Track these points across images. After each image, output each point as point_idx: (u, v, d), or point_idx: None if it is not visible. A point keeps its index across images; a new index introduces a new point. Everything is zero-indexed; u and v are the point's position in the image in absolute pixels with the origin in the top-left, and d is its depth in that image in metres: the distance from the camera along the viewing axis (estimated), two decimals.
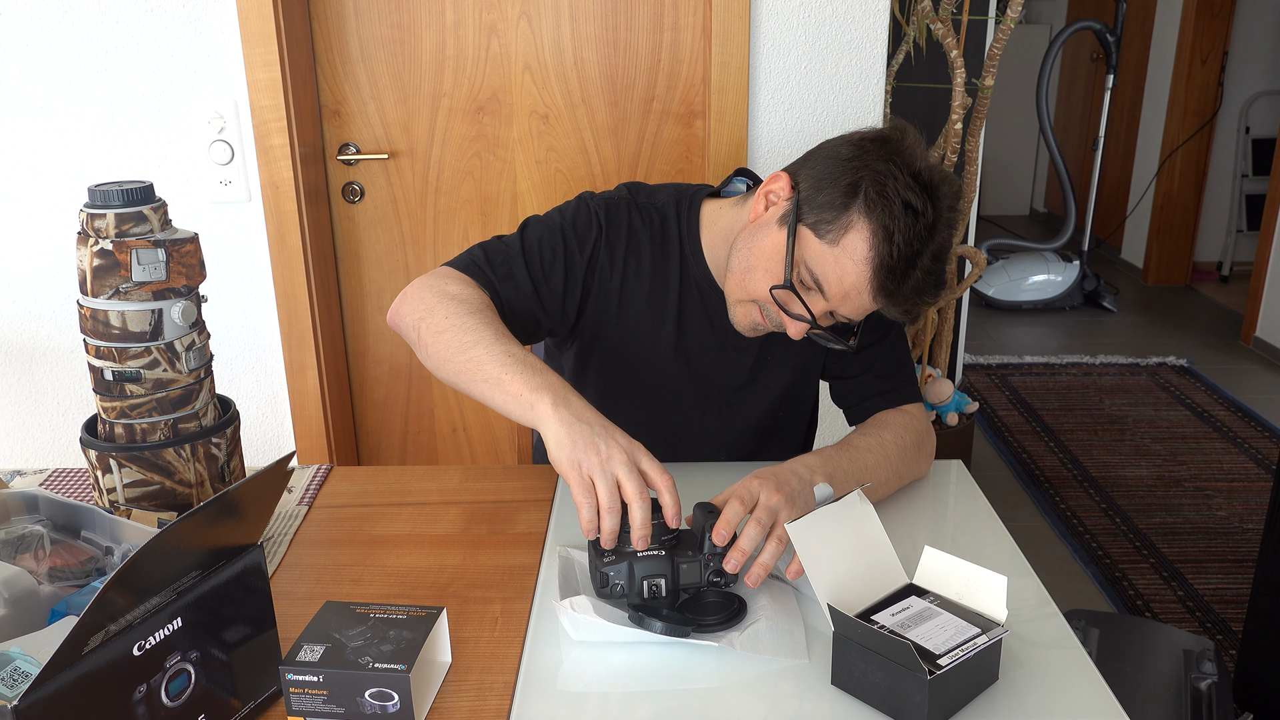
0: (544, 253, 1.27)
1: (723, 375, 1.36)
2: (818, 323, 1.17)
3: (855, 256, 1.11)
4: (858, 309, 1.16)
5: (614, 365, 1.35)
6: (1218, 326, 4.58)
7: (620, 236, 1.30)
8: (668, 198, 1.33)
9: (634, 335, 1.32)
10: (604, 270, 1.29)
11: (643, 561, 0.99)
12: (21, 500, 1.07)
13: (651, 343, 1.33)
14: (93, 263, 1.04)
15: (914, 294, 1.13)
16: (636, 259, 1.30)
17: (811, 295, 1.16)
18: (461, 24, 2.10)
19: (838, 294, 1.14)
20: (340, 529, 1.23)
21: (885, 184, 1.10)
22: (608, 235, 1.29)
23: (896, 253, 1.09)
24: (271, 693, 0.90)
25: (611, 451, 0.98)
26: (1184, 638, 1.68)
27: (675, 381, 1.36)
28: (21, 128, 2.01)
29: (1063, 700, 0.91)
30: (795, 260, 1.15)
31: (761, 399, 1.39)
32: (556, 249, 1.27)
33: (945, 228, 1.13)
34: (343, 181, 2.21)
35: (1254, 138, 4.96)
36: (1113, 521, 2.91)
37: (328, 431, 2.21)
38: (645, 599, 0.99)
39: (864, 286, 1.12)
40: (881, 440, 1.24)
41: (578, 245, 1.28)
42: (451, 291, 1.17)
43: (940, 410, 2.79)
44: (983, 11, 3.03)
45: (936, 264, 1.13)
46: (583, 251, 1.28)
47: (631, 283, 1.30)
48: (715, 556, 1.00)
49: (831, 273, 1.13)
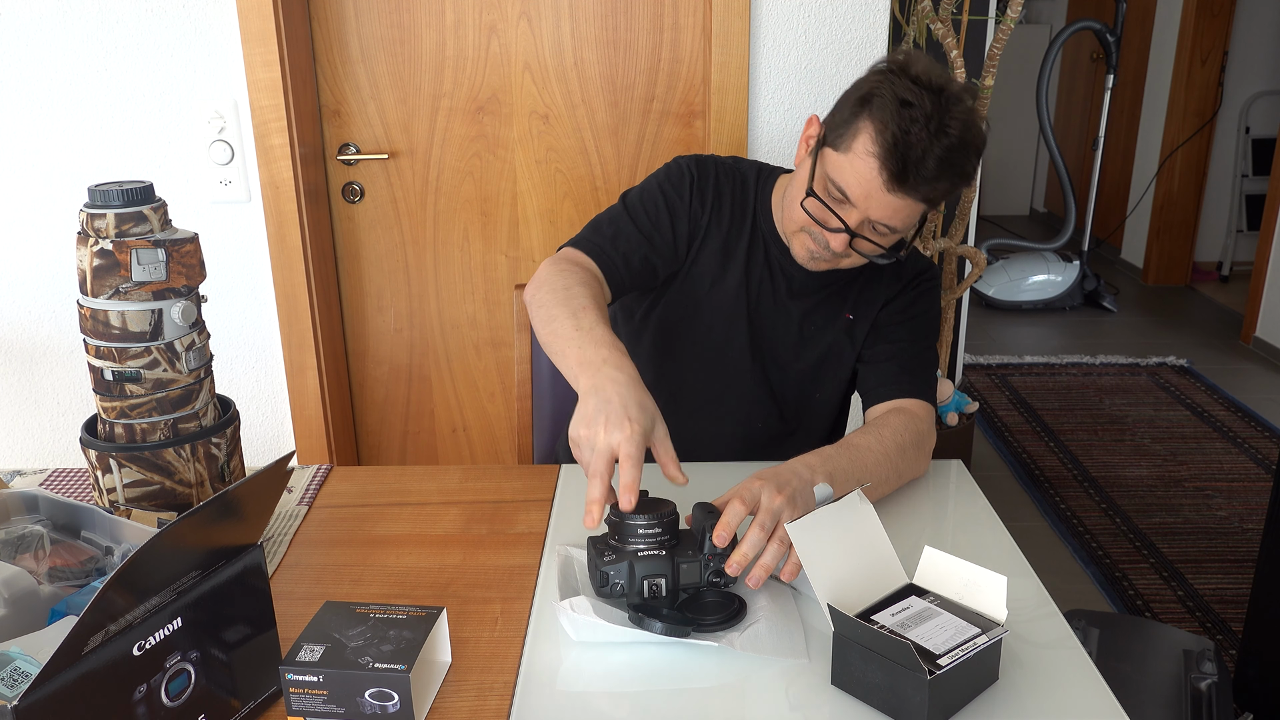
0: (646, 206, 1.41)
1: (773, 326, 1.44)
2: (855, 231, 1.26)
3: (862, 153, 1.21)
4: (885, 209, 1.23)
5: (680, 300, 1.44)
6: (1218, 326, 4.58)
7: (709, 184, 1.43)
8: (750, 165, 1.48)
9: (704, 271, 1.43)
10: (696, 210, 1.42)
11: (643, 561, 0.99)
12: (21, 500, 1.07)
13: (718, 280, 1.43)
14: (93, 263, 1.04)
15: (930, 180, 1.20)
16: (719, 206, 1.43)
17: (843, 207, 1.25)
18: (461, 24, 2.10)
19: (860, 195, 1.23)
20: (340, 529, 1.23)
21: (886, 89, 1.20)
22: (699, 182, 1.42)
23: (895, 140, 1.18)
24: (271, 693, 0.90)
25: (595, 436, 1.02)
26: (1184, 638, 1.68)
27: (732, 321, 1.43)
28: (21, 128, 2.01)
29: (1063, 700, 0.91)
30: (818, 175, 1.27)
31: (803, 358, 1.45)
32: (658, 200, 1.41)
33: (957, 121, 1.19)
34: (343, 181, 2.21)
35: (1254, 138, 4.96)
36: (1113, 521, 2.91)
37: (328, 431, 2.21)
38: (645, 599, 0.99)
39: (875, 178, 1.21)
40: (881, 439, 1.26)
41: (675, 192, 1.42)
42: (558, 269, 1.29)
43: (940, 410, 2.79)
44: (983, 11, 3.03)
45: (953, 154, 1.19)
46: (680, 196, 1.42)
47: (713, 225, 1.43)
48: (715, 557, 1.00)
49: (849, 175, 1.23)
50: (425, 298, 2.29)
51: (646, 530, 1.00)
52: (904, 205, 1.23)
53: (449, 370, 2.34)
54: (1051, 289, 4.81)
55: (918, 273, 1.43)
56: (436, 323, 2.30)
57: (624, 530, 1.00)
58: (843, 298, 1.43)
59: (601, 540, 1.03)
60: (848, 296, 1.43)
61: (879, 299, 1.42)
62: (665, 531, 1.00)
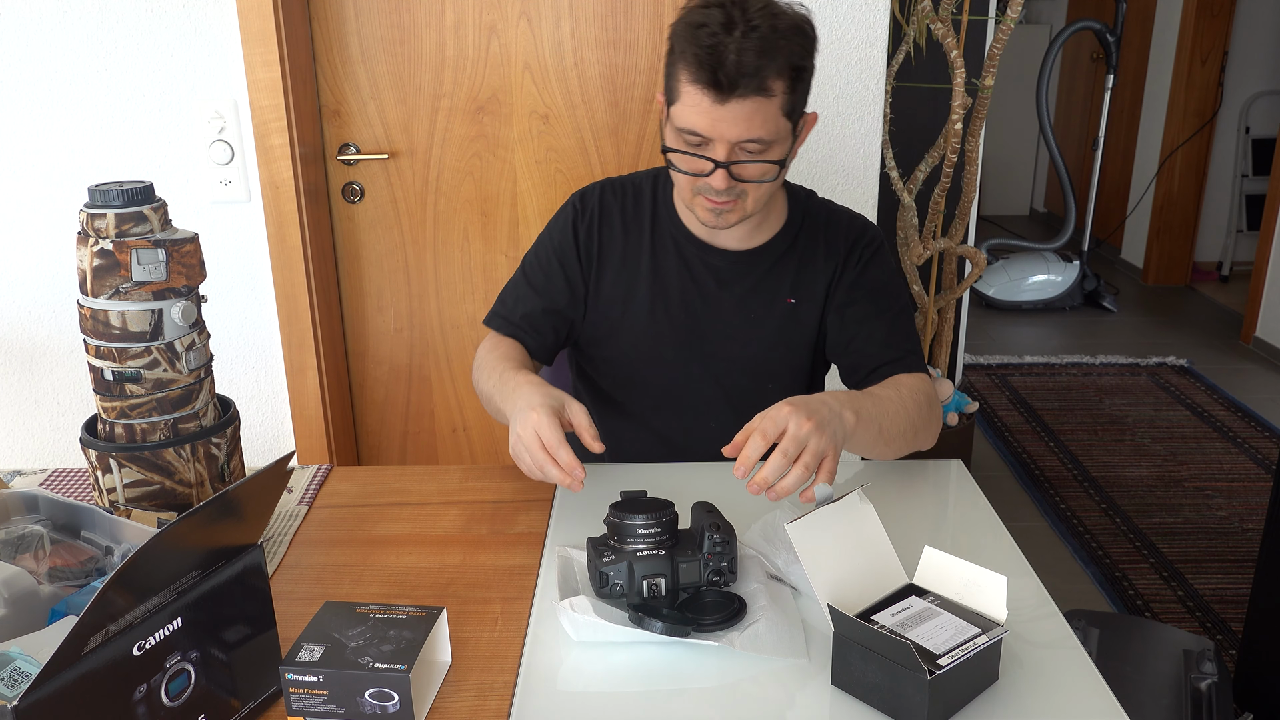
0: (540, 261, 1.46)
1: (706, 322, 1.43)
2: (726, 161, 1.25)
3: (687, 89, 1.22)
4: (734, 124, 1.22)
5: (595, 328, 1.46)
6: (1218, 326, 4.58)
7: (592, 212, 1.45)
8: (646, 175, 1.48)
9: (612, 295, 1.44)
10: (585, 242, 1.44)
11: (642, 561, 0.99)
12: (21, 500, 1.07)
13: (627, 300, 1.44)
14: (93, 263, 1.04)
15: (754, 74, 1.19)
16: (609, 228, 1.44)
17: (704, 147, 1.25)
18: (461, 24, 2.10)
19: (705, 124, 1.23)
20: (340, 529, 1.23)
21: (679, 28, 1.24)
22: (581, 214, 1.45)
23: (702, 59, 1.19)
24: (271, 693, 0.90)
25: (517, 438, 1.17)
26: (1184, 638, 1.68)
27: (656, 331, 1.44)
28: (21, 128, 2.01)
29: (1063, 700, 0.91)
30: (669, 134, 1.29)
31: (748, 346, 1.44)
32: (546, 251, 1.46)
33: (760, 14, 1.20)
34: (343, 181, 2.21)
35: (1254, 138, 4.95)
36: (1113, 521, 2.91)
37: (328, 431, 2.21)
38: (645, 598, 0.99)
39: (704, 101, 1.21)
40: (900, 395, 1.30)
41: (560, 235, 1.45)
42: (483, 357, 1.41)
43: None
44: (983, 11, 3.03)
45: (766, 42, 1.19)
46: (565, 237, 1.44)
47: (606, 248, 1.44)
48: (715, 556, 1.00)
49: (689, 115, 1.23)
50: (425, 298, 2.29)
51: (645, 530, 1.00)
52: (748, 111, 1.21)
53: (449, 370, 2.34)
54: (1051, 289, 4.81)
55: (851, 245, 1.42)
56: (436, 323, 2.30)
57: (623, 530, 1.01)
58: (778, 280, 1.42)
59: (601, 540, 1.03)
60: (784, 279, 1.42)
61: (820, 280, 1.42)
62: (664, 531, 1.01)
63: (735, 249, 1.42)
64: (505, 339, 1.44)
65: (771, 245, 1.42)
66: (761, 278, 1.42)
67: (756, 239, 1.42)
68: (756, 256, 1.42)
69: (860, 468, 1.41)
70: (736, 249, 1.42)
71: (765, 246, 1.42)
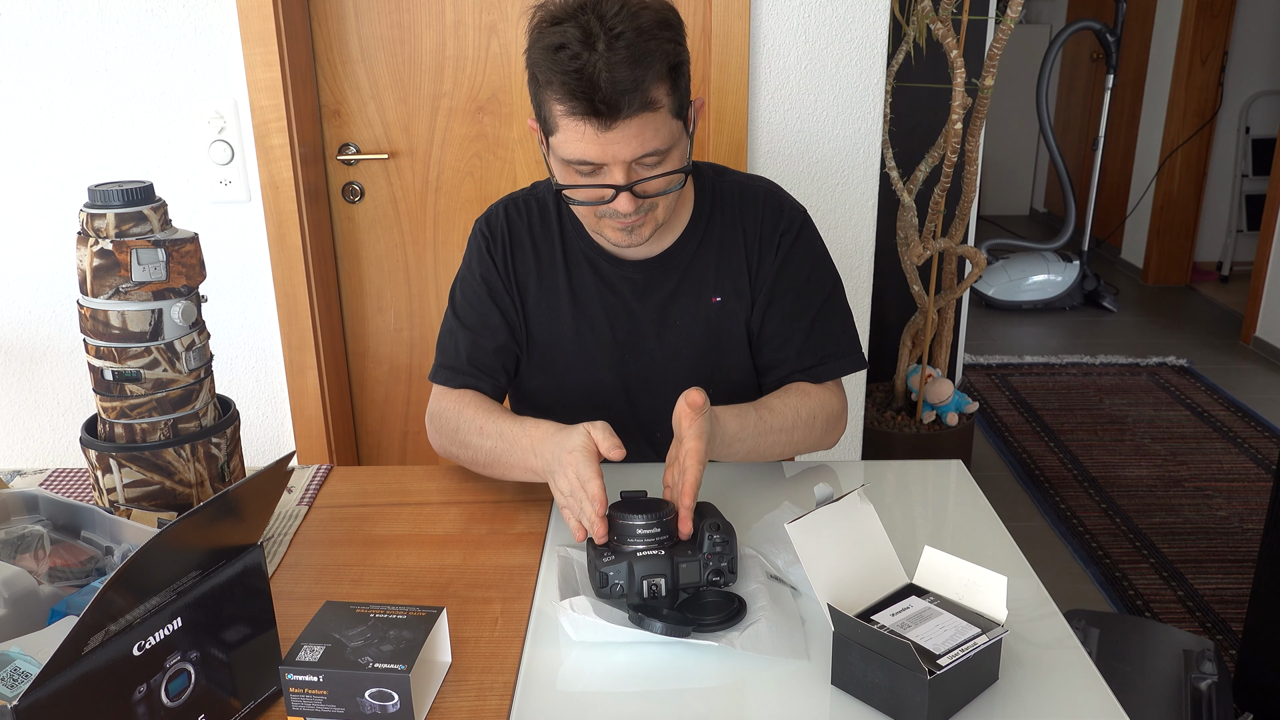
0: (469, 299, 1.38)
1: (633, 337, 1.37)
2: (627, 184, 1.17)
3: (565, 122, 1.14)
4: (627, 144, 1.14)
5: (529, 358, 1.39)
6: (1218, 326, 4.58)
7: (500, 238, 1.37)
8: (548, 183, 1.38)
9: (537, 322, 1.37)
10: (504, 268, 1.37)
11: (642, 561, 0.99)
12: (21, 500, 1.07)
13: (552, 325, 1.37)
14: (93, 263, 1.04)
15: (634, 88, 1.10)
16: (521, 251, 1.37)
17: (599, 173, 1.18)
18: (461, 24, 2.10)
19: (595, 152, 1.15)
20: (340, 529, 1.23)
21: (535, 54, 1.14)
22: (491, 243, 1.37)
23: (573, 87, 1.10)
24: (271, 693, 0.90)
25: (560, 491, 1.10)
26: (1184, 638, 1.68)
27: (585, 354, 1.37)
28: (21, 128, 2.01)
29: (1063, 700, 0.91)
30: (557, 170, 1.22)
31: (681, 358, 1.37)
32: (473, 285, 1.38)
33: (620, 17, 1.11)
34: (343, 181, 2.21)
35: (1254, 138, 4.95)
36: (1113, 521, 2.91)
37: (328, 431, 2.21)
38: (645, 599, 0.99)
39: (589, 131, 1.13)
40: (796, 413, 1.29)
41: (481, 267, 1.37)
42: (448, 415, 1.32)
43: (940, 410, 2.79)
44: (983, 11, 3.03)
45: (636, 48, 1.10)
46: (486, 266, 1.37)
47: (522, 271, 1.37)
48: (715, 556, 1.00)
49: (574, 147, 1.15)
50: (425, 298, 2.29)
51: (645, 530, 1.00)
52: (636, 129, 1.13)
53: None
54: (1051, 289, 4.81)
55: (769, 231, 1.34)
56: (436, 322, 2.30)
57: (623, 531, 1.01)
58: (698, 279, 1.34)
59: (603, 546, 1.03)
60: (705, 277, 1.35)
61: (740, 271, 1.34)
62: (664, 531, 1.01)
63: (646, 256, 1.34)
64: (465, 392, 1.33)
65: (683, 242, 1.34)
66: (681, 280, 1.34)
67: (666, 240, 1.34)
68: (670, 259, 1.34)
69: (860, 468, 1.41)
70: (647, 256, 1.34)
71: (677, 245, 1.34)
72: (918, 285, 2.71)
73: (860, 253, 2.16)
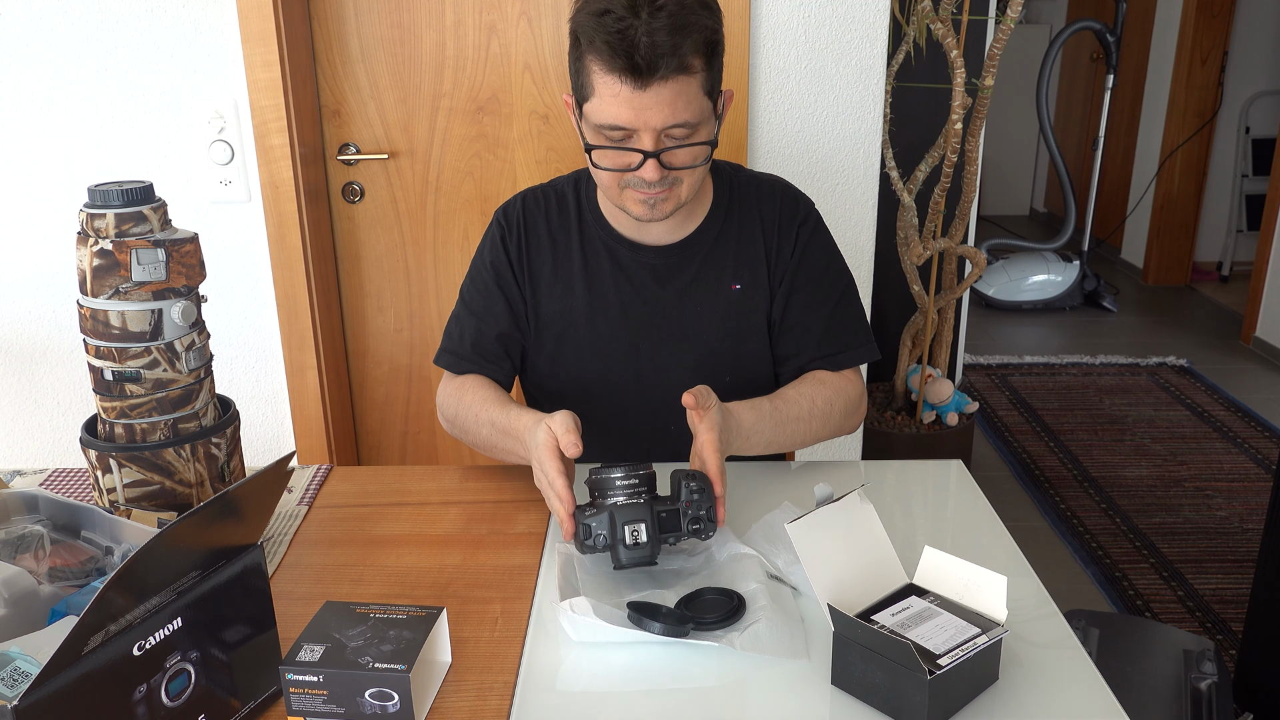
0: (478, 287, 1.41)
1: (649, 324, 1.38)
2: (655, 150, 1.20)
3: (602, 82, 1.17)
4: (658, 111, 1.17)
5: (540, 347, 1.41)
6: (1218, 326, 4.58)
7: (516, 228, 1.40)
8: (568, 179, 1.43)
9: (550, 311, 1.39)
10: (516, 259, 1.39)
11: (623, 509, 1.03)
12: (21, 500, 1.07)
13: (566, 313, 1.39)
14: (93, 263, 1.04)
15: (670, 54, 1.14)
16: (536, 239, 1.40)
17: (629, 139, 1.21)
18: (461, 24, 2.10)
19: (628, 116, 1.18)
20: (340, 529, 1.23)
21: (581, 19, 1.19)
22: (507, 232, 1.40)
23: (614, 48, 1.14)
24: (271, 693, 0.90)
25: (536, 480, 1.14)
26: (1184, 638, 1.68)
27: (599, 343, 1.39)
28: (21, 128, 2.02)
29: (1063, 700, 0.91)
30: (588, 132, 1.24)
31: (697, 346, 1.38)
32: (482, 274, 1.41)
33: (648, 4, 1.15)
34: (343, 181, 2.21)
35: (1254, 138, 4.96)
36: (1113, 521, 2.91)
37: (328, 431, 2.21)
38: (628, 546, 1.02)
39: (624, 91, 1.16)
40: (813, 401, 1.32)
41: (493, 256, 1.40)
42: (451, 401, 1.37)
43: (940, 410, 2.79)
44: (983, 11, 3.03)
45: (676, 20, 1.14)
46: (498, 256, 1.40)
47: (536, 262, 1.39)
48: (693, 503, 1.04)
49: (608, 108, 1.18)
50: (425, 298, 2.29)
51: (624, 482, 1.05)
52: (671, 94, 1.16)
53: None
54: (1051, 289, 4.81)
55: (787, 221, 1.38)
56: (437, 323, 2.30)
57: (603, 485, 1.05)
58: (718, 267, 1.37)
59: (585, 504, 1.07)
60: (724, 265, 1.37)
61: (759, 260, 1.37)
62: (642, 484, 1.05)
63: (666, 242, 1.36)
64: (467, 378, 1.38)
65: (703, 230, 1.37)
66: (701, 267, 1.37)
67: (687, 227, 1.36)
68: (690, 245, 1.37)
69: (860, 468, 1.41)
70: (667, 242, 1.36)
71: (697, 233, 1.37)
72: (918, 285, 2.71)
73: (860, 253, 2.16)
